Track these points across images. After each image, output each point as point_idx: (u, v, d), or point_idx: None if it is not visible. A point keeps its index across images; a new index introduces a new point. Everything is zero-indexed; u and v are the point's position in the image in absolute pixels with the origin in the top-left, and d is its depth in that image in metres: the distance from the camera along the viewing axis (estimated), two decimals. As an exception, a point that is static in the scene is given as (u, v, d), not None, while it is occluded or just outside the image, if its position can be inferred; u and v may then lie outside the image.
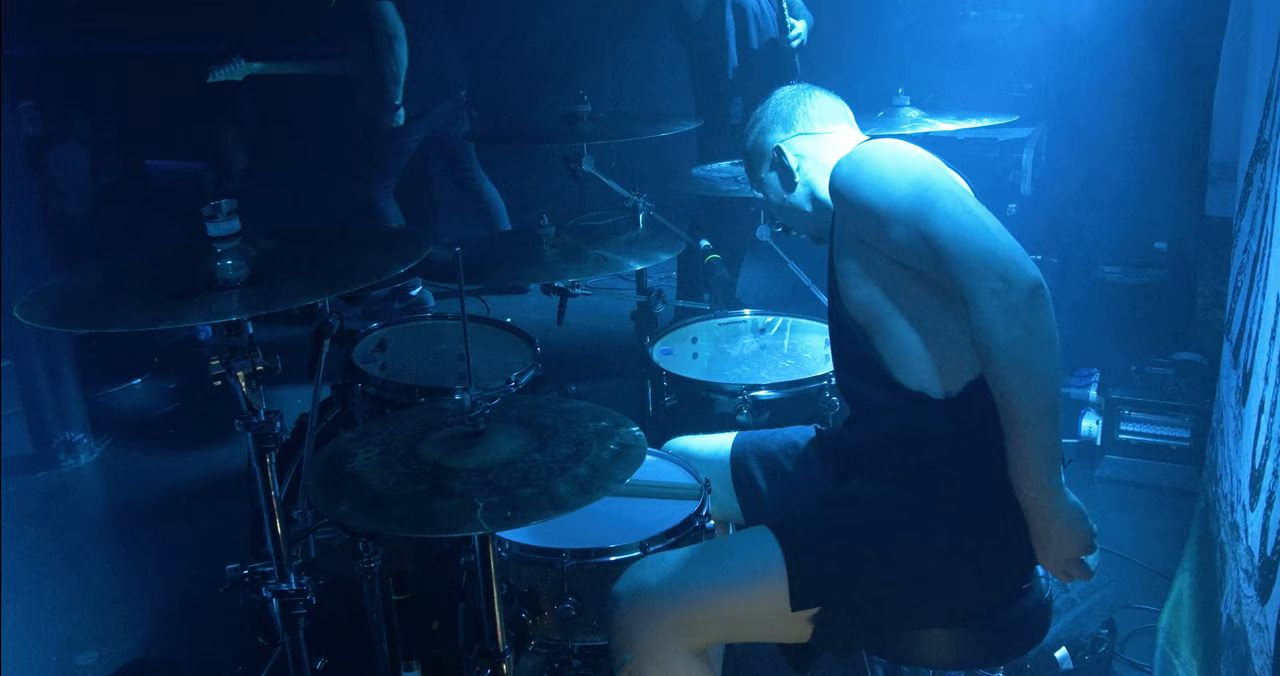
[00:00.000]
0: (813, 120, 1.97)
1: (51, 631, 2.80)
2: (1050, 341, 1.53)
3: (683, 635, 1.68)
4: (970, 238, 1.56)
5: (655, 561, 1.76)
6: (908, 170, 1.67)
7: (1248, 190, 2.43)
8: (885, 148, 1.73)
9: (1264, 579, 1.72)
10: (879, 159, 1.70)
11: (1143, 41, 3.71)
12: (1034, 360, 1.52)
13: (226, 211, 1.60)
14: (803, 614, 1.67)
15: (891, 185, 1.64)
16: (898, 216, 1.62)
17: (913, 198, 1.61)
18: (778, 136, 1.96)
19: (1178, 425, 3.28)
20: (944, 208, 1.59)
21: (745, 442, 2.08)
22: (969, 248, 1.55)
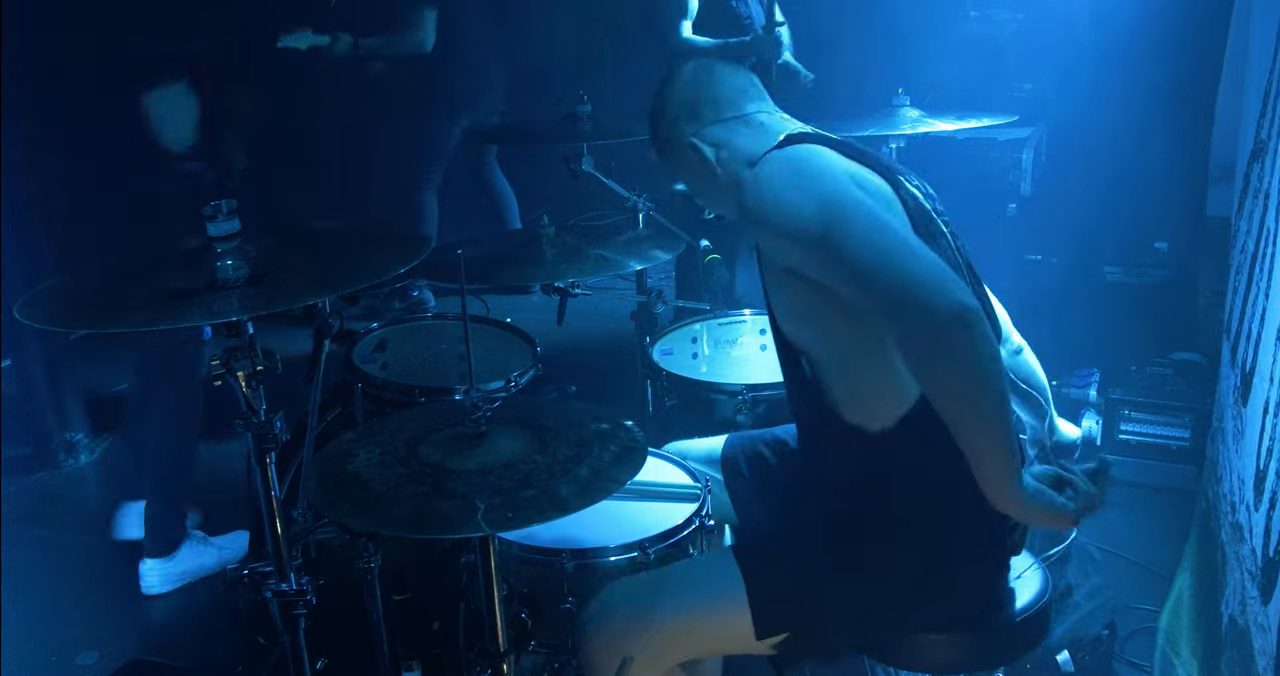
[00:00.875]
0: (721, 105, 1.82)
1: (51, 631, 2.80)
2: (980, 368, 1.42)
3: (650, 659, 1.69)
4: (887, 261, 1.45)
5: (622, 587, 1.77)
6: (812, 189, 1.56)
7: (1246, 190, 2.43)
8: (786, 163, 1.64)
9: (1267, 579, 1.72)
10: (781, 179, 1.61)
11: (1143, 41, 3.71)
12: (966, 389, 1.43)
13: (226, 211, 1.60)
14: (770, 638, 1.68)
15: (797, 207, 1.55)
16: (809, 242, 1.52)
17: (821, 221, 1.51)
18: (688, 128, 1.82)
19: (1178, 425, 3.28)
20: (856, 228, 1.49)
21: (735, 443, 2.09)
22: (885, 272, 1.45)
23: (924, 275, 1.43)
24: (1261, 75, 2.39)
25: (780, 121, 1.81)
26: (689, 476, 2.09)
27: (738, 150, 1.79)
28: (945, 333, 1.41)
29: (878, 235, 1.48)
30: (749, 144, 1.77)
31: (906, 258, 1.45)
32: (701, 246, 2.88)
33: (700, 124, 1.81)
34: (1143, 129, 3.73)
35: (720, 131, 1.81)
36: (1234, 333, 2.36)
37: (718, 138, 1.80)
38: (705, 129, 1.81)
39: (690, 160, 1.82)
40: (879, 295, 1.46)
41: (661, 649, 1.69)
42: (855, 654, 1.83)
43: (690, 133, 1.81)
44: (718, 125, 1.81)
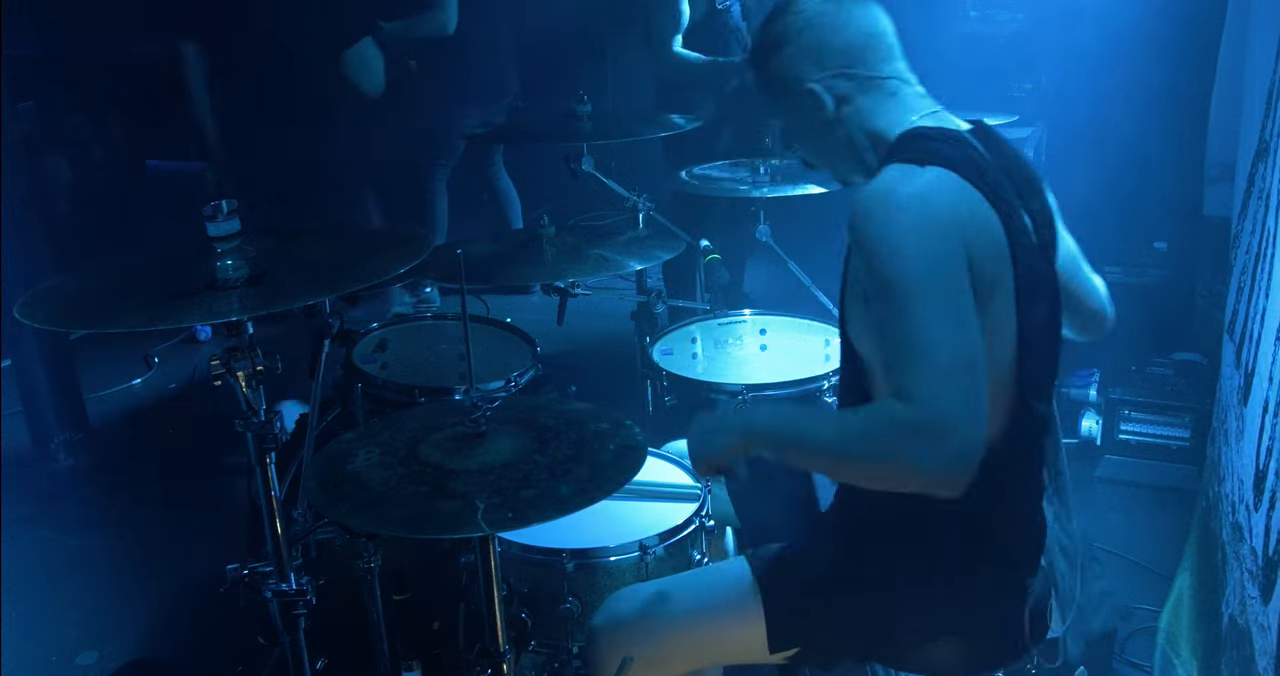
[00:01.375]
0: (854, 55, 1.58)
1: (51, 631, 2.80)
2: (885, 485, 1.40)
3: (662, 666, 1.68)
4: (929, 360, 1.34)
5: (632, 594, 1.75)
6: (916, 242, 1.40)
7: (1249, 191, 2.43)
8: (908, 198, 1.43)
9: (1267, 579, 1.72)
10: (896, 212, 1.42)
11: (1142, 41, 3.71)
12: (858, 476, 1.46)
13: (226, 211, 1.60)
14: (783, 652, 1.67)
15: (894, 255, 1.40)
16: (884, 290, 1.41)
17: (903, 282, 1.38)
18: (810, 73, 1.58)
19: (1178, 425, 3.28)
20: (926, 310, 1.36)
21: None
22: (918, 366, 1.34)
23: (961, 400, 1.32)
24: (1264, 76, 2.39)
25: (914, 95, 1.61)
26: (689, 476, 2.09)
27: (866, 117, 1.60)
28: (940, 462, 1.33)
29: (937, 328, 1.36)
30: (880, 117, 1.59)
31: (946, 369, 1.34)
32: (701, 246, 2.88)
33: (825, 71, 1.58)
34: (1141, 129, 3.73)
35: (846, 86, 1.59)
36: (1238, 333, 2.36)
37: (842, 91, 1.59)
38: (831, 78, 1.58)
39: (801, 105, 1.61)
40: (897, 376, 1.37)
41: (670, 657, 1.68)
42: (860, 662, 1.83)
43: (812, 78, 1.59)
44: (844, 79, 1.58)
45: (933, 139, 1.53)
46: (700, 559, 1.94)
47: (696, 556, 1.94)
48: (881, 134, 1.59)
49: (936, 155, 1.48)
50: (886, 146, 1.57)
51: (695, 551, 1.94)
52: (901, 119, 1.58)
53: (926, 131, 1.55)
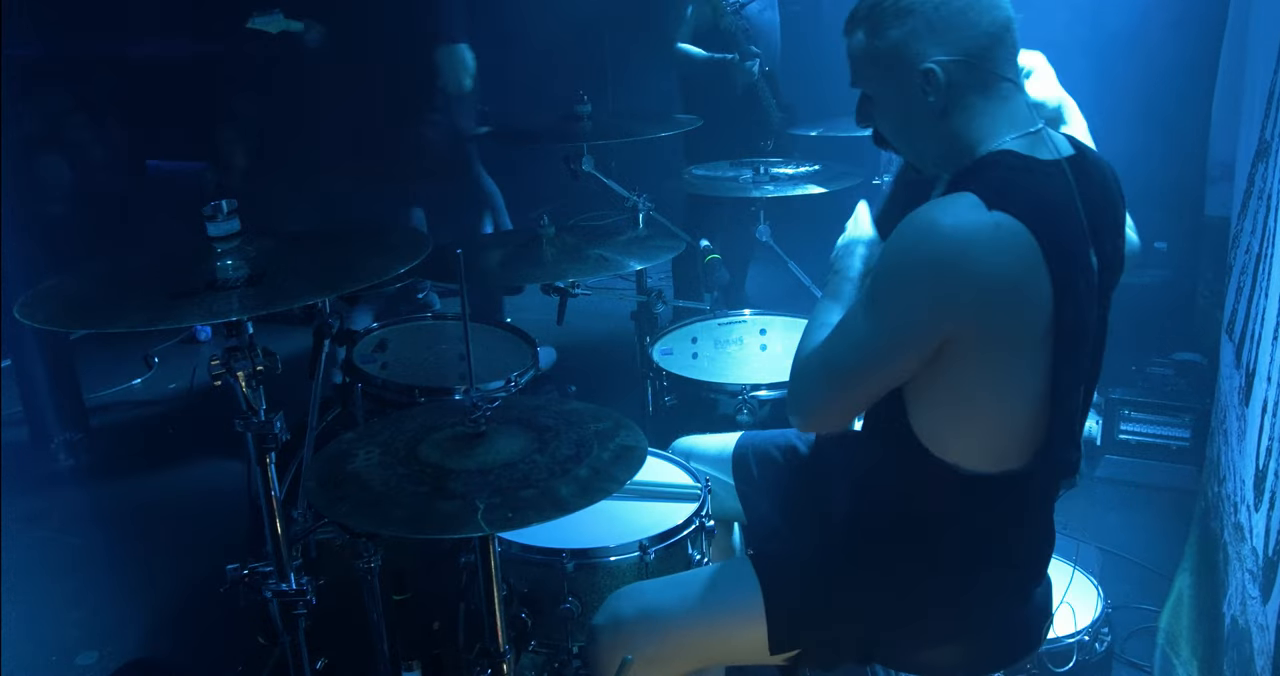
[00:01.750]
0: (983, 49, 1.45)
1: (51, 631, 2.80)
2: None
3: (663, 666, 1.68)
4: (851, 351, 1.50)
5: (633, 592, 1.75)
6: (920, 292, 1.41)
7: (1249, 191, 2.43)
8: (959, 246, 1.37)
9: (1266, 579, 1.72)
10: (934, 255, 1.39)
11: (1143, 41, 3.71)
12: None
13: (226, 211, 1.60)
14: (784, 653, 1.67)
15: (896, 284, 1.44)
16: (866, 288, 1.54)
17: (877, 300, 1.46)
18: (930, 49, 1.45)
19: (1178, 425, 3.28)
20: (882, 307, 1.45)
21: (747, 442, 2.08)
22: (817, 361, 1.56)
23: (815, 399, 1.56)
24: (1264, 76, 2.39)
25: (1022, 107, 1.50)
26: (689, 476, 2.09)
27: (971, 116, 1.48)
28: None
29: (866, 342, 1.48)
30: (981, 121, 1.48)
31: (834, 382, 1.53)
32: (701, 246, 2.88)
33: (948, 55, 1.45)
34: (1141, 129, 3.73)
35: (964, 76, 1.46)
36: (1239, 333, 2.36)
37: (958, 80, 1.46)
38: (952, 64, 1.45)
39: (906, 84, 1.48)
40: (816, 350, 1.57)
41: (671, 657, 1.68)
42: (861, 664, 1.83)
43: (932, 58, 1.45)
44: (965, 68, 1.45)
45: (1017, 170, 1.45)
46: (700, 559, 1.94)
47: (696, 556, 1.94)
48: (971, 140, 1.49)
49: (1012, 196, 1.39)
50: (971, 158, 1.49)
51: (695, 551, 1.94)
52: (997, 132, 1.48)
53: (1013, 160, 1.46)
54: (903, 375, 1.49)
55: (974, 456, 1.53)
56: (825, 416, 1.59)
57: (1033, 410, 1.49)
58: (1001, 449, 1.53)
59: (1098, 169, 1.57)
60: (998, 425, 1.51)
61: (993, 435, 1.52)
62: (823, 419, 1.60)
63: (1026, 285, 1.40)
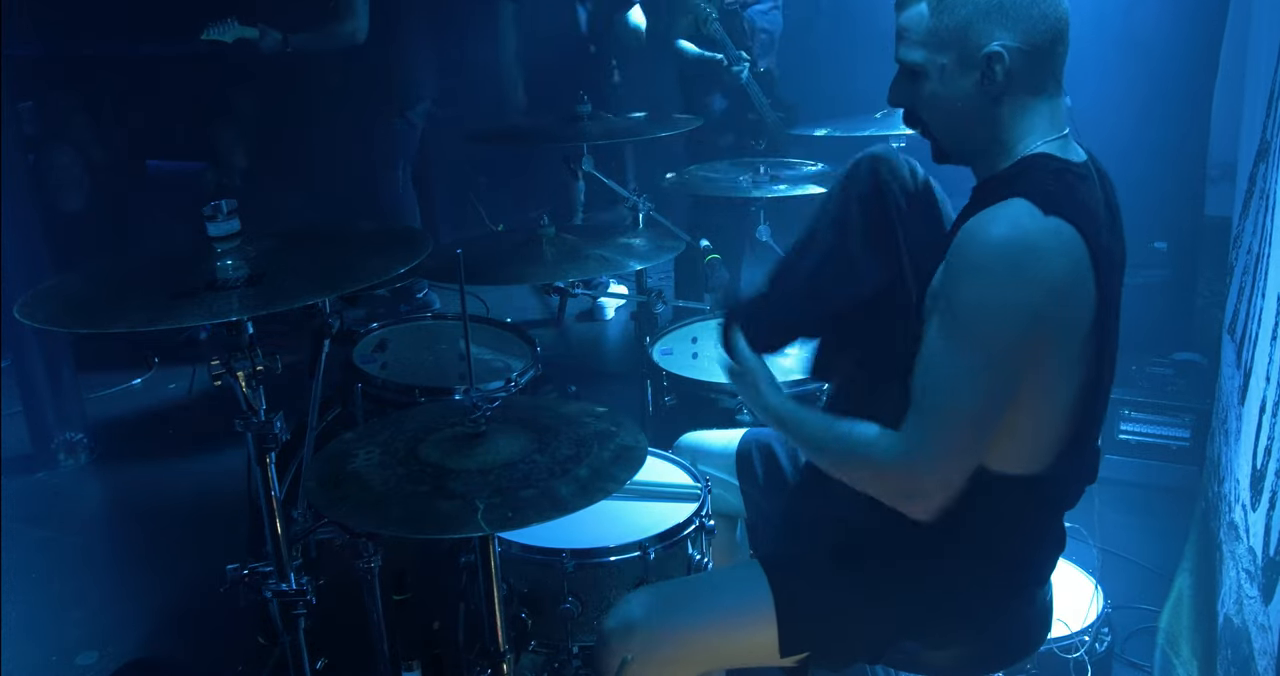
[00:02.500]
0: (1048, 43, 1.43)
1: (51, 631, 2.80)
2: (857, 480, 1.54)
3: (673, 669, 1.68)
4: (953, 400, 1.42)
5: (645, 595, 1.75)
6: (1005, 295, 1.38)
7: (1251, 191, 2.43)
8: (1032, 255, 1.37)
9: (1267, 579, 1.72)
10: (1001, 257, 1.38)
11: (1143, 41, 3.71)
12: (827, 466, 1.60)
13: (226, 211, 1.60)
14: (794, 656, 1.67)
15: (980, 299, 1.39)
16: (952, 318, 1.42)
17: (971, 321, 1.40)
18: (1002, 37, 1.41)
19: (1178, 425, 3.28)
20: (978, 356, 1.40)
21: (751, 439, 2.08)
22: (942, 402, 1.43)
23: (957, 458, 1.45)
24: (1265, 76, 2.39)
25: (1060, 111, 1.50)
26: (689, 476, 2.09)
27: (1018, 111, 1.47)
28: (881, 488, 1.50)
29: (971, 385, 1.42)
30: (1022, 120, 1.48)
31: (954, 427, 1.43)
32: (701, 246, 2.88)
33: (1015, 37, 1.41)
34: (1141, 129, 3.73)
35: (1024, 67, 1.42)
36: (1239, 333, 2.36)
37: (1018, 68, 1.42)
38: (1017, 51, 1.41)
39: (965, 64, 1.44)
40: (919, 396, 1.44)
41: (682, 659, 1.68)
42: (869, 665, 1.83)
43: (999, 40, 1.41)
44: (1027, 58, 1.42)
45: (1061, 174, 1.45)
46: (701, 558, 1.94)
47: (697, 556, 1.94)
48: (1011, 138, 1.49)
49: (1063, 201, 1.40)
50: (1008, 158, 1.49)
51: (695, 551, 1.94)
52: (1035, 133, 1.48)
53: (1053, 163, 1.46)
54: (1012, 397, 1.44)
55: (1002, 457, 1.52)
56: (955, 472, 1.45)
57: (1065, 412, 1.50)
58: (1030, 450, 1.52)
59: (1106, 175, 1.59)
60: (1032, 427, 1.51)
61: (1024, 436, 1.51)
62: (951, 476, 1.45)
63: (1080, 289, 1.42)
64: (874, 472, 1.50)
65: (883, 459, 1.47)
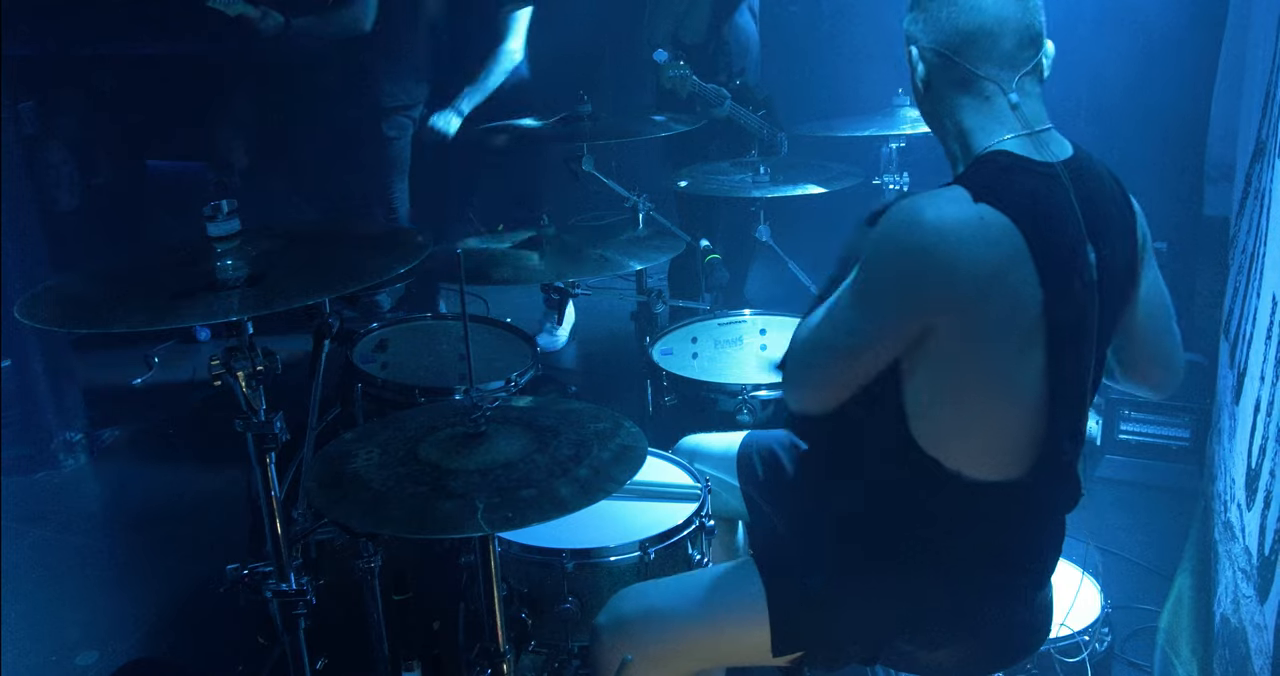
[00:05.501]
0: (958, 43, 1.52)
1: (51, 631, 2.80)
2: None
3: (664, 666, 1.68)
4: (831, 334, 1.56)
5: (637, 592, 1.75)
6: (897, 268, 1.46)
7: (1247, 191, 2.44)
8: (939, 234, 1.42)
9: (1263, 579, 1.72)
10: (915, 241, 1.43)
11: (1143, 41, 3.71)
12: None
13: (226, 211, 1.60)
14: (786, 655, 1.67)
15: (876, 270, 1.49)
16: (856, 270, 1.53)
17: (857, 290, 1.52)
18: (918, 37, 1.56)
19: (1178, 425, 3.28)
20: (868, 287, 1.50)
21: (751, 441, 2.08)
22: (809, 341, 1.59)
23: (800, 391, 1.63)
24: (1262, 76, 2.39)
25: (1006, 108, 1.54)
26: (689, 476, 2.09)
27: (954, 109, 1.56)
28: None
29: (837, 345, 1.55)
30: (968, 118, 1.55)
31: (838, 351, 1.55)
32: (701, 246, 2.88)
33: (929, 44, 1.55)
34: (1140, 128, 3.73)
35: (938, 66, 1.55)
36: (1233, 333, 2.36)
37: (934, 69, 1.56)
38: (930, 52, 1.55)
39: (910, 61, 1.60)
40: (803, 334, 1.61)
41: (673, 657, 1.68)
42: (864, 665, 1.83)
43: (919, 42, 1.57)
44: (939, 58, 1.54)
45: (1007, 169, 1.49)
46: (701, 559, 1.95)
47: (697, 556, 1.94)
48: (967, 138, 1.56)
49: (997, 192, 1.44)
50: (969, 157, 1.55)
51: (695, 551, 1.94)
52: (991, 131, 1.53)
53: (1005, 159, 1.50)
54: (886, 357, 1.52)
55: (975, 463, 1.53)
56: (814, 393, 1.61)
57: (1032, 414, 1.50)
58: (1002, 455, 1.53)
59: (1097, 174, 1.58)
60: (998, 429, 1.51)
61: (992, 440, 1.52)
62: (812, 396, 1.61)
63: (1009, 278, 1.42)
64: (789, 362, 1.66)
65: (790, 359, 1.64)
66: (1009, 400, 1.49)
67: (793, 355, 1.63)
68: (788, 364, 1.65)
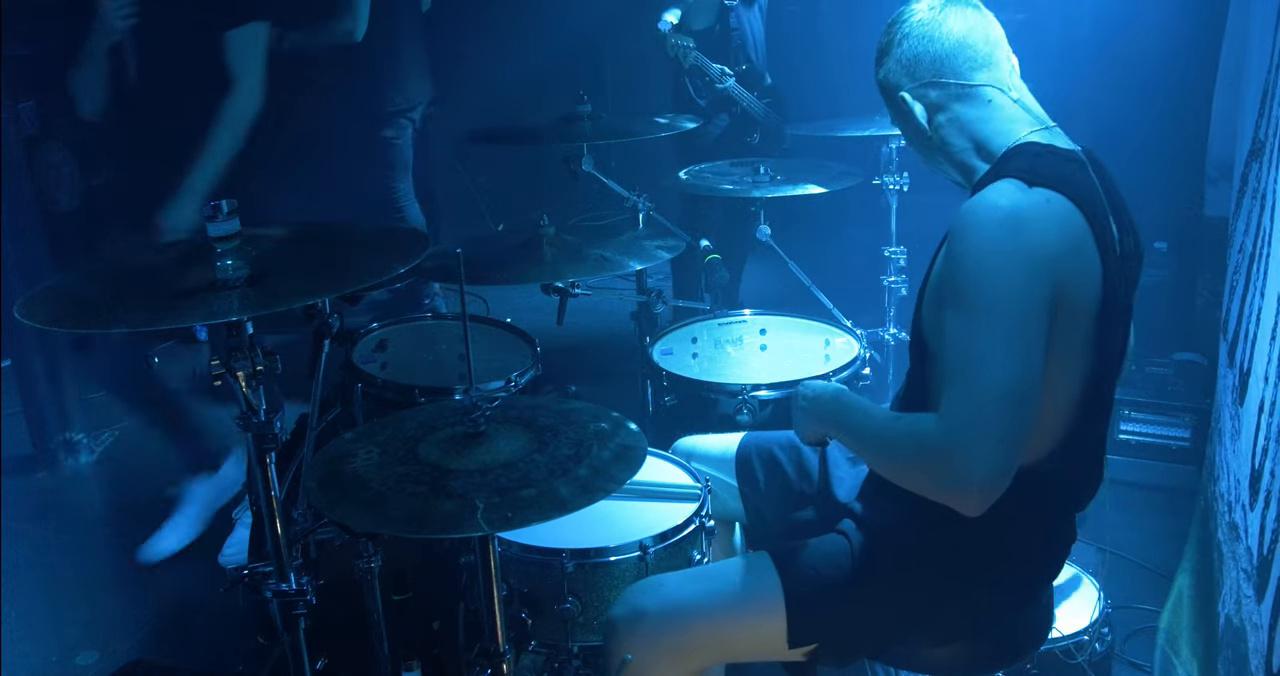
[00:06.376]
0: (942, 65, 1.62)
1: (51, 631, 2.80)
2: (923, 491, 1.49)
3: (679, 660, 1.68)
4: (980, 422, 1.40)
5: (653, 585, 1.75)
6: (1012, 265, 1.43)
7: (1243, 190, 2.44)
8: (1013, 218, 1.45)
9: (1261, 578, 1.72)
10: (1000, 231, 1.44)
11: (1142, 41, 3.71)
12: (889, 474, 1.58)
13: (226, 211, 1.60)
14: (801, 648, 1.67)
15: (989, 271, 1.44)
16: (965, 302, 1.45)
17: (987, 299, 1.43)
18: (904, 82, 1.65)
19: (1178, 425, 3.28)
20: (999, 335, 1.41)
21: (750, 443, 2.08)
22: (969, 430, 1.40)
23: (984, 459, 1.40)
24: (1260, 76, 2.39)
25: (1012, 104, 1.62)
26: (689, 476, 2.09)
27: (965, 124, 1.63)
28: (937, 489, 1.45)
29: (1007, 383, 1.40)
30: (981, 125, 1.62)
31: (1002, 429, 1.40)
32: (701, 246, 2.88)
33: (915, 82, 1.64)
34: (1141, 128, 3.74)
35: (937, 95, 1.64)
36: (1232, 332, 2.36)
37: (934, 100, 1.64)
38: (920, 88, 1.64)
39: (900, 111, 1.69)
40: (948, 390, 1.43)
41: (691, 649, 1.68)
42: (873, 659, 1.83)
43: (904, 88, 1.65)
44: (935, 88, 1.63)
45: (1044, 155, 1.54)
46: (700, 559, 1.95)
47: (696, 556, 1.94)
48: (985, 143, 1.61)
49: (1047, 175, 1.49)
50: (995, 157, 1.59)
51: (695, 551, 1.94)
52: (1008, 130, 1.60)
53: (1038, 147, 1.56)
54: (1041, 367, 1.44)
55: None
56: (1005, 451, 1.42)
57: (1068, 403, 1.52)
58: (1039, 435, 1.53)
59: (1103, 164, 1.63)
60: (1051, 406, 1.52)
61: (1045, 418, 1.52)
62: (1004, 455, 1.42)
63: (1082, 260, 1.48)
64: (921, 461, 1.46)
65: (927, 442, 1.44)
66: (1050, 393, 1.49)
67: (933, 449, 1.43)
68: (934, 466, 1.44)
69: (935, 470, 1.44)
